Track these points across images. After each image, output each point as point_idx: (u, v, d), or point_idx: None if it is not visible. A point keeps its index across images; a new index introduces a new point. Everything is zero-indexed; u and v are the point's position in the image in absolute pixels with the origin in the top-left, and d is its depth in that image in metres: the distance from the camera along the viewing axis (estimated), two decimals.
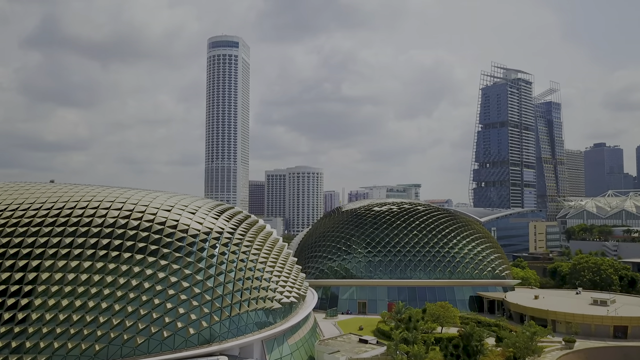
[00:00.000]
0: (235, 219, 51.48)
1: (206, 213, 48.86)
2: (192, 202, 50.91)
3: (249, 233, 50.68)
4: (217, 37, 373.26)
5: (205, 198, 57.67)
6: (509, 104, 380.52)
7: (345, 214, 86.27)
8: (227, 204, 58.03)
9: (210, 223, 47.20)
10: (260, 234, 53.12)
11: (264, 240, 52.69)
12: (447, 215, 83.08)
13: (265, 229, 56.70)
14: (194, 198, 54.34)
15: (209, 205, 51.66)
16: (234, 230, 48.80)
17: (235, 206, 61.20)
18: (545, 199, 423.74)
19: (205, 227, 46.12)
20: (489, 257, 77.50)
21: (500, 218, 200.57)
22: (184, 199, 51.72)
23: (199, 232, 45.17)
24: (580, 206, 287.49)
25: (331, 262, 76.43)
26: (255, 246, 49.35)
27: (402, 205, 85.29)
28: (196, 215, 47.53)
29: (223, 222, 48.91)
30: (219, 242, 45.69)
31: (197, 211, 48.32)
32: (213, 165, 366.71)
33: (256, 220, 56.48)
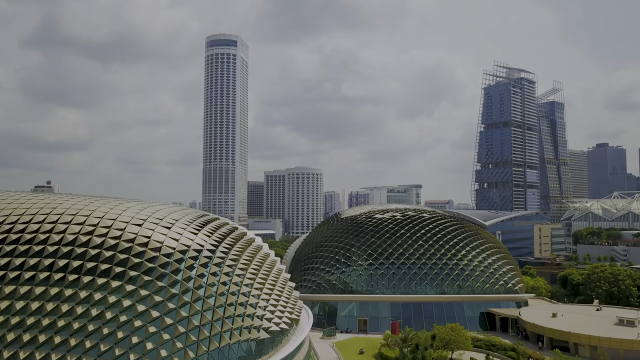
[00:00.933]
0: (218, 233, 45.18)
1: (184, 227, 42.51)
2: (169, 213, 44.59)
3: (233, 249, 44.39)
4: (215, 36, 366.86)
5: (187, 208, 51.38)
6: (512, 103, 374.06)
7: (345, 221, 79.97)
8: (211, 215, 51.72)
9: (188, 239, 40.85)
10: (247, 250, 46.83)
11: (252, 256, 46.41)
12: (455, 223, 76.76)
13: (254, 243, 50.42)
14: (172, 208, 48.08)
15: (188, 218, 45.35)
16: (216, 246, 42.49)
17: (223, 218, 55.07)
18: (548, 200, 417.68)
19: (182, 245, 39.77)
20: (501, 269, 71.21)
21: (505, 221, 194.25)
22: (160, 209, 45.43)
23: (174, 250, 38.83)
24: (585, 208, 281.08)
25: (329, 275, 70.15)
26: (241, 265, 43.01)
27: (406, 212, 78.98)
28: (172, 230, 41.19)
29: (203, 237, 42.58)
30: (197, 262, 39.35)
31: (173, 225, 41.96)
32: (211, 166, 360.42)
33: (243, 233, 50.16)
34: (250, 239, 50.35)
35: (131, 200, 49.00)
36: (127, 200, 48.14)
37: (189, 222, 43.97)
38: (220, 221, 49.65)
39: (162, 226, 40.98)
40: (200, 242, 41.34)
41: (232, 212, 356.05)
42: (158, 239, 39.08)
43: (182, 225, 42.72)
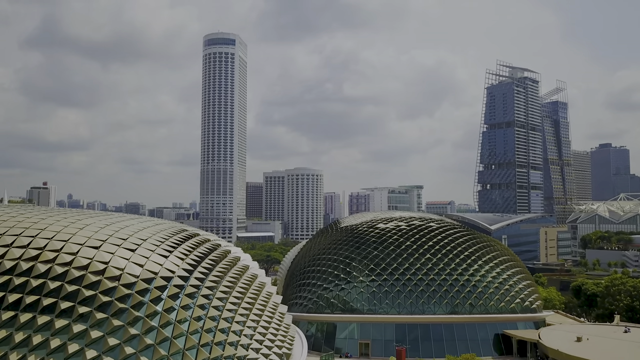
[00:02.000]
0: (195, 254, 38.34)
1: (152, 248, 35.62)
2: (136, 231, 37.72)
3: (212, 273, 37.54)
4: (213, 35, 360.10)
5: (162, 222, 44.55)
6: (515, 103, 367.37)
7: (344, 231, 73.14)
8: (190, 230, 44.82)
9: (156, 264, 34.01)
10: (229, 273, 39.98)
11: (235, 280, 39.58)
12: (466, 234, 69.92)
13: (240, 263, 43.54)
14: (143, 224, 41.19)
15: (160, 236, 38.48)
16: (191, 271, 35.64)
17: (206, 233, 48.28)
18: (552, 202, 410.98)
19: (147, 271, 32.94)
20: (518, 285, 64.39)
21: (510, 225, 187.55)
22: (128, 226, 38.55)
23: (137, 278, 32.02)
24: (591, 210, 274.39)
25: (327, 292, 63.34)
26: (220, 294, 36.12)
27: (412, 221, 72.14)
28: (136, 252, 34.32)
29: (175, 260, 35.72)
30: (165, 292, 32.49)
31: (138, 246, 35.07)
32: (209, 167, 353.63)
33: (225, 253, 43.30)
34: (235, 258, 43.50)
35: (95, 214, 42.22)
36: (89, 214, 41.34)
37: (159, 242, 37.10)
38: (200, 238, 42.80)
39: (124, 248, 34.09)
40: (171, 267, 34.49)
41: (231, 214, 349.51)
42: (118, 264, 32.24)
43: (150, 246, 35.83)
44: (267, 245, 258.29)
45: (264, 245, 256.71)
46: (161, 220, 47.73)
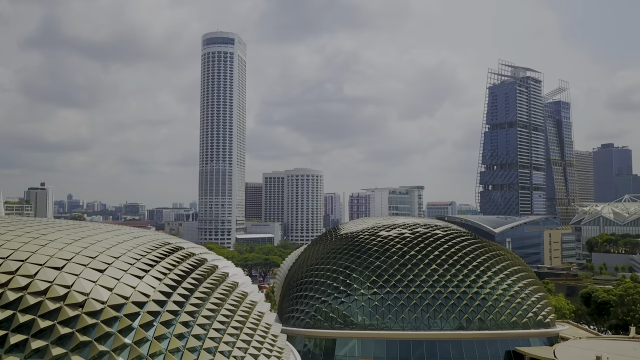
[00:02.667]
0: (176, 272, 33.98)
1: (125, 268, 31.24)
2: (109, 246, 33.36)
3: (194, 295, 33.18)
4: (212, 34, 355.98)
5: (142, 235, 40.11)
6: (518, 103, 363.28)
7: (344, 238, 68.76)
8: (173, 242, 40.37)
9: (128, 286, 29.67)
10: (214, 293, 35.63)
11: (221, 302, 35.21)
12: (474, 242, 65.54)
13: (227, 280, 39.18)
14: (121, 237, 36.83)
15: (137, 251, 34.12)
16: (169, 294, 31.29)
17: (191, 245, 43.87)
18: (554, 203, 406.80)
19: (117, 296, 28.61)
20: (530, 297, 60.02)
21: (514, 228, 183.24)
22: (100, 241, 34.15)
23: (104, 305, 27.65)
24: (595, 212, 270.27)
25: (325, 305, 58.98)
26: (202, 319, 31.74)
27: (416, 228, 67.77)
28: (106, 273, 29.94)
29: (151, 281, 31.37)
30: (136, 320, 28.19)
31: (109, 265, 30.73)
32: (207, 168, 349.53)
33: (212, 268, 38.92)
34: (222, 275, 39.10)
35: (66, 225, 37.71)
36: (59, 226, 36.84)
37: (134, 259, 32.73)
38: (183, 252, 38.42)
39: (92, 268, 29.69)
40: (146, 290, 30.14)
41: (230, 216, 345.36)
42: (82, 288, 27.88)
43: (123, 265, 31.44)
44: (266, 247, 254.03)
45: (262, 247, 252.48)
46: (142, 231, 43.34)
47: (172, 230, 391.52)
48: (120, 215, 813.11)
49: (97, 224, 44.22)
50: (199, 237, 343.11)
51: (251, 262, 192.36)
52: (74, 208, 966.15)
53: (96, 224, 45.21)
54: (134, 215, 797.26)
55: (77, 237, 33.96)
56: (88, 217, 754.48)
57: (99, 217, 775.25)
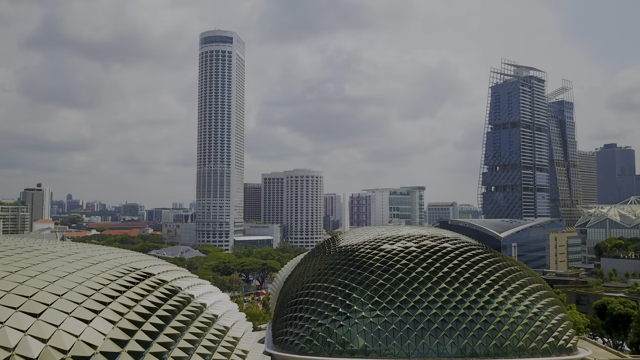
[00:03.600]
0: (137, 310, 27.85)
1: (69, 308, 25.02)
2: (56, 279, 27.18)
3: (160, 337, 27.08)
4: (209, 32, 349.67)
5: (106, 259, 33.94)
6: (521, 103, 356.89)
7: (343, 252, 62.56)
8: (143, 267, 34.22)
9: (69, 335, 23.54)
10: (187, 330, 29.55)
11: (194, 342, 29.14)
12: (487, 256, 59.37)
13: (203, 314, 33.03)
14: (77, 263, 30.69)
15: (90, 284, 27.91)
16: (125, 342, 25.20)
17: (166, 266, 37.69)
18: (558, 204, 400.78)
19: (53, 349, 22.48)
20: (551, 319, 53.86)
21: (520, 232, 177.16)
22: (46, 271, 28.04)
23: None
24: (601, 214, 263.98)
25: (321, 328, 52.84)
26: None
27: (422, 241, 61.58)
28: (42, 317, 23.75)
29: (102, 325, 25.17)
30: None
31: (49, 306, 24.46)
32: (205, 169, 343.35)
33: (186, 299, 32.77)
34: (197, 307, 32.93)
35: (13, 249, 31.55)
36: (5, 249, 30.67)
37: (84, 296, 26.59)
38: (152, 280, 32.30)
39: (25, 312, 23.61)
40: (92, 339, 23.97)
41: (228, 217, 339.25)
42: (6, 342, 21.83)
43: (67, 305, 25.25)
44: (265, 251, 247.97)
45: (260, 251, 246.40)
46: (108, 252, 37.18)
47: (169, 232, 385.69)
48: (119, 216, 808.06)
49: (56, 245, 38.12)
50: (197, 239, 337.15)
51: (248, 267, 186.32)
52: (74, 208, 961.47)
53: (55, 244, 39.12)
54: (132, 216, 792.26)
55: (18, 267, 27.84)
56: (87, 217, 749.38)
57: (97, 218, 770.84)
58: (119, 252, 37.70)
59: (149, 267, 35.44)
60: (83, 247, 37.51)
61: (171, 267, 39.31)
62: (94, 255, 34.60)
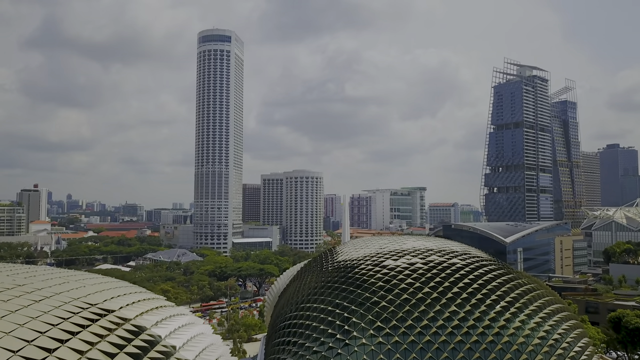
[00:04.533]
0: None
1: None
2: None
3: None
4: (207, 31, 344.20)
5: (57, 293, 28.34)
6: (524, 103, 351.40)
7: (341, 269, 56.87)
8: (98, 301, 28.59)
9: None
10: None
11: None
12: (501, 273, 53.67)
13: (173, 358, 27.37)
14: (17, 301, 25.19)
15: (24, 331, 22.46)
16: None
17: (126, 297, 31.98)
18: (561, 205, 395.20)
19: None
20: (573, 346, 48.22)
21: (526, 236, 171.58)
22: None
23: None
24: (607, 217, 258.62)
25: (317, 356, 47.18)
26: None
27: (429, 256, 55.91)
28: None
29: None
30: None
31: None
32: (203, 170, 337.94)
33: (151, 341, 27.11)
34: (163, 354, 27.30)
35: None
36: None
37: (25, 341, 21.11)
38: (109, 319, 26.74)
39: None
40: None
41: (226, 219, 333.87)
42: None
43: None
44: (263, 254, 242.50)
45: (259, 254, 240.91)
46: (65, 279, 31.57)
47: (167, 234, 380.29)
48: (118, 217, 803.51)
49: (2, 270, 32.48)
50: (195, 241, 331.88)
51: (245, 272, 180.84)
52: (73, 208, 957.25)
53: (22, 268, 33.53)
54: (132, 217, 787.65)
55: None
56: (85, 218, 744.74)
57: (96, 218, 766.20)
58: (78, 280, 32.07)
59: (110, 299, 29.81)
60: (35, 274, 31.87)
61: (140, 296, 33.64)
62: (44, 287, 29.00)
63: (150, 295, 35.48)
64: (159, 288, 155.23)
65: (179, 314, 34.18)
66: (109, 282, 35.16)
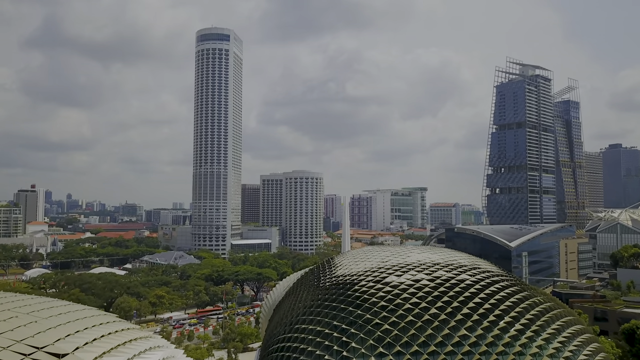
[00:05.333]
0: None
1: None
2: None
3: None
4: (206, 30, 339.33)
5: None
6: (527, 103, 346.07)
7: (340, 285, 52.05)
8: (65, 332, 23.98)
9: None
10: None
11: None
12: (514, 291, 48.87)
13: None
14: None
15: None
16: None
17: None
18: (564, 206, 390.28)
19: None
20: None
21: (531, 240, 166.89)
22: None
23: None
24: (612, 218, 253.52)
25: None
26: None
27: (436, 271, 51.12)
28: None
29: None
30: None
31: None
32: (201, 170, 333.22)
33: None
34: None
35: None
36: None
37: None
38: None
39: None
40: None
41: (224, 221, 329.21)
42: None
43: None
44: (261, 257, 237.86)
45: (257, 257, 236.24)
46: (13, 312, 26.89)
47: (165, 235, 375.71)
48: (117, 216, 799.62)
49: None
50: (193, 243, 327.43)
51: (242, 276, 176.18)
52: (73, 208, 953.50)
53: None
54: (131, 217, 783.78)
55: None
56: (84, 218, 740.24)
57: (95, 218, 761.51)
58: (30, 313, 27.34)
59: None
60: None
61: (105, 329, 28.89)
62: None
63: (119, 327, 30.73)
64: (154, 293, 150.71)
65: (151, 347, 29.55)
66: (73, 312, 30.48)
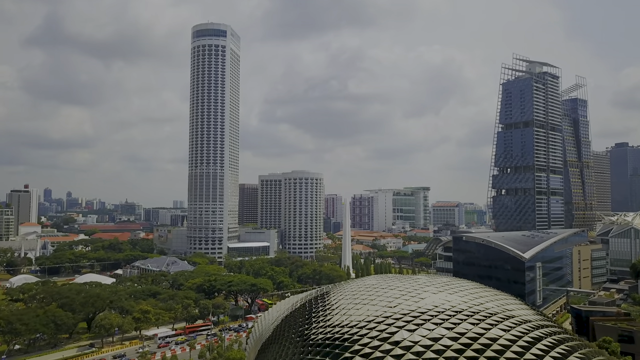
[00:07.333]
0: None
1: None
2: None
3: None
4: (202, 26, 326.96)
5: None
6: (534, 101, 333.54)
7: (333, 344, 40.45)
8: None
9: None
10: None
11: None
12: (565, 352, 37.27)
13: None
14: None
15: None
16: None
17: None
18: (571, 207, 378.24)
19: None
20: None
21: (544, 249, 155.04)
22: None
23: None
24: (625, 222, 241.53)
25: None
26: None
27: (459, 323, 39.49)
28: None
29: None
30: None
31: None
32: (197, 171, 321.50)
33: None
34: None
35: None
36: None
37: None
38: None
39: None
40: None
41: (221, 223, 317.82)
42: None
43: None
44: (257, 263, 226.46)
45: (253, 264, 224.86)
46: None
47: (160, 237, 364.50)
48: (116, 216, 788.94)
49: None
50: (189, 246, 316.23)
51: (236, 287, 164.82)
52: (73, 206, 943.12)
53: None
54: (129, 216, 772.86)
55: None
56: (82, 217, 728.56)
57: (93, 218, 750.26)
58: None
59: None
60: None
61: None
62: None
63: None
64: (139, 308, 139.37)
65: None
66: None
